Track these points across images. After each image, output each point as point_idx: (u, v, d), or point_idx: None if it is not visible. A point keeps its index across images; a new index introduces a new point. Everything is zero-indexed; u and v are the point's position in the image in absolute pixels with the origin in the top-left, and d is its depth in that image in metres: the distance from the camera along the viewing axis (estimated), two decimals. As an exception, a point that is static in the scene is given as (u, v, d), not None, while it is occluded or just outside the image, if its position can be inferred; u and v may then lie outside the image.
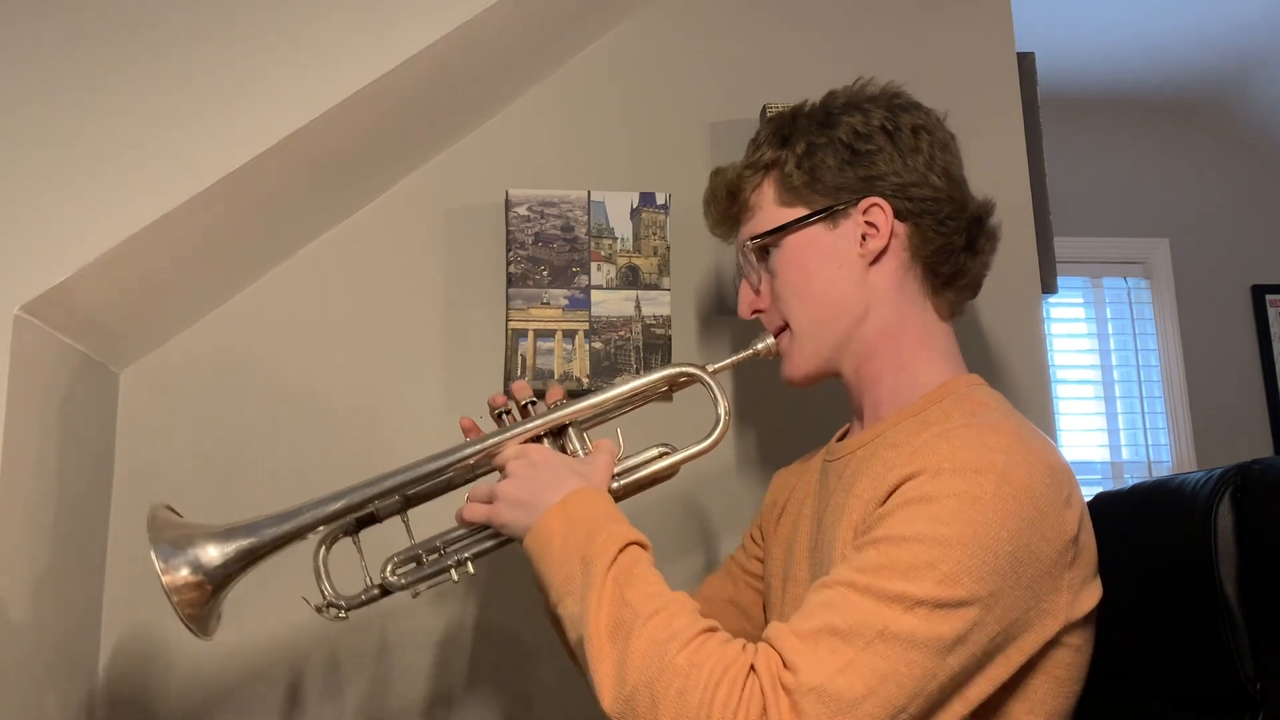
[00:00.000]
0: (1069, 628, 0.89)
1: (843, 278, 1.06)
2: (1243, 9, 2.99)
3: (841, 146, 1.06)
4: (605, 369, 1.49)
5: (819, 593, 0.86)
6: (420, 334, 1.53)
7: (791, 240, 1.08)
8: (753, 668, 0.81)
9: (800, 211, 1.08)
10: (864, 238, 1.05)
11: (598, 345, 1.50)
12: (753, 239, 1.10)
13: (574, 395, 1.47)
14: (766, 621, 1.17)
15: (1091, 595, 0.91)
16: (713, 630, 0.85)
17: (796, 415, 1.45)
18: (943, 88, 1.64)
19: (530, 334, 1.49)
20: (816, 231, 1.07)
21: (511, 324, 1.49)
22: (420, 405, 1.50)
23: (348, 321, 1.52)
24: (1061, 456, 0.92)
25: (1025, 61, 1.71)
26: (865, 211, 1.05)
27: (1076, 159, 3.40)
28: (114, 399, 1.44)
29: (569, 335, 1.49)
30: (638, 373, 1.49)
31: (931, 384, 1.04)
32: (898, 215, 1.05)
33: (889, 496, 0.90)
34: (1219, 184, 3.53)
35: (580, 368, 1.49)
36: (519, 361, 1.48)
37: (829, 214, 1.06)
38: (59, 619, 1.26)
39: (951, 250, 1.07)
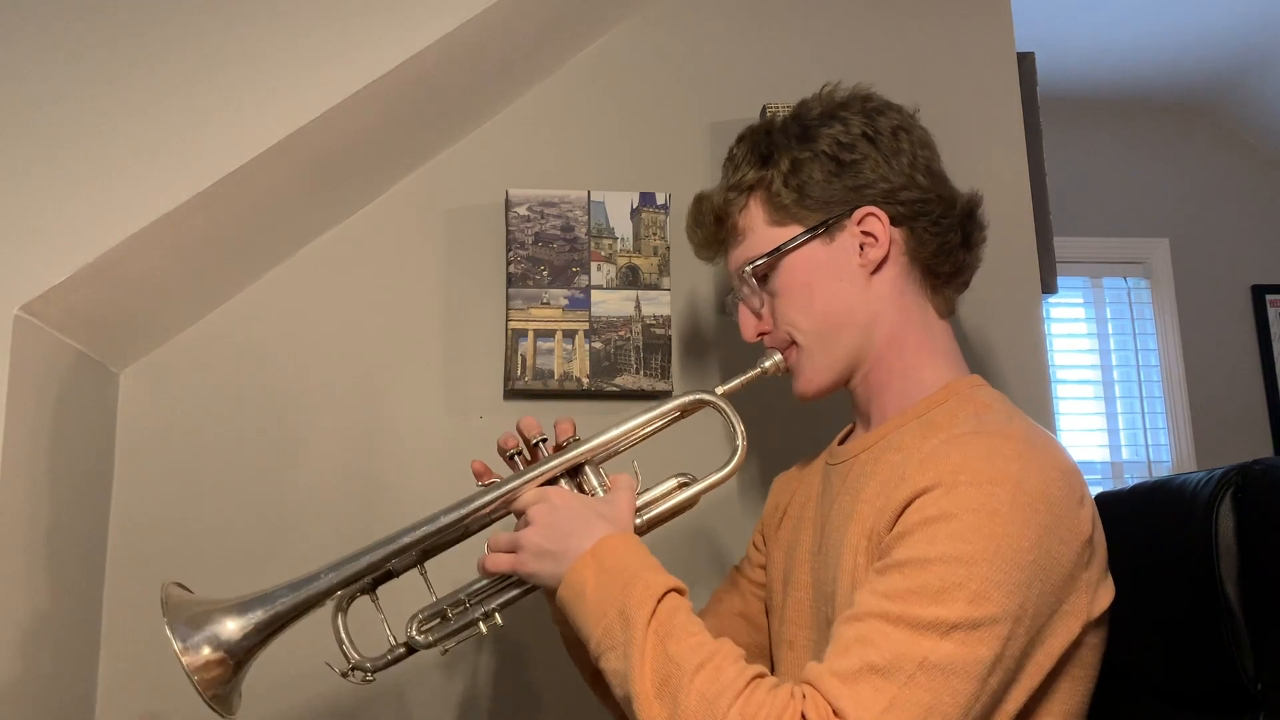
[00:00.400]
0: (1088, 626, 0.89)
1: (846, 290, 1.05)
2: (1243, 9, 2.99)
3: (826, 159, 1.05)
4: (605, 369, 1.49)
5: (850, 626, 0.85)
6: (420, 334, 1.52)
7: (790, 259, 1.07)
8: (804, 716, 0.80)
9: (793, 229, 1.07)
10: (862, 248, 1.05)
11: (598, 345, 1.50)
12: (751, 264, 1.08)
13: (574, 397, 1.49)
14: (770, 627, 1.16)
15: (1107, 592, 0.92)
16: (760, 677, 0.85)
17: (797, 427, 1.44)
18: (943, 88, 1.65)
19: (530, 334, 1.49)
20: (813, 247, 1.06)
21: (511, 324, 1.49)
22: (420, 405, 1.50)
23: (348, 321, 1.51)
24: (1069, 456, 0.93)
25: (1025, 61, 1.71)
26: (860, 222, 1.05)
27: (1076, 159, 3.39)
28: (114, 399, 1.43)
29: (569, 335, 1.49)
30: (639, 373, 1.49)
31: (934, 385, 1.04)
32: (893, 221, 1.05)
33: (904, 510, 0.89)
34: (1219, 184, 3.53)
35: (580, 368, 1.49)
36: (519, 361, 1.48)
37: (825, 229, 1.06)
38: (55, 632, 1.26)
39: (949, 249, 1.07)
